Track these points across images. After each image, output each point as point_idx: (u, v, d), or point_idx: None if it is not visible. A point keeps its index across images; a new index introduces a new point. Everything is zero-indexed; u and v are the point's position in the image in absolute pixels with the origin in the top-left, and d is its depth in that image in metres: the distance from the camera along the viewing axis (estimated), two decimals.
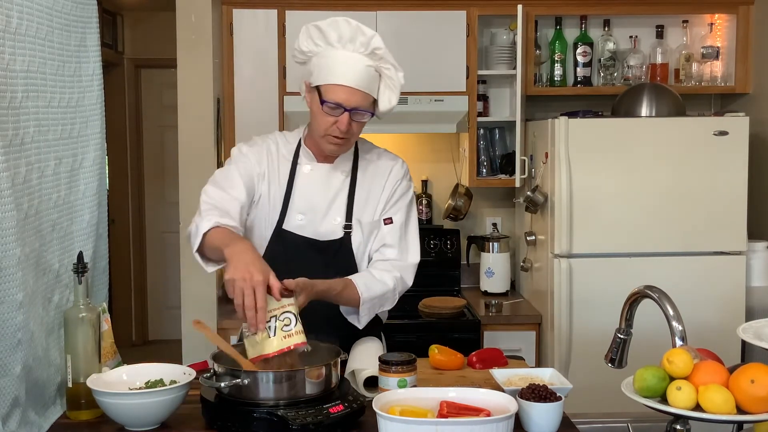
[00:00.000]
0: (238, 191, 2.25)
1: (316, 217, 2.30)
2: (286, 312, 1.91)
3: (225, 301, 3.82)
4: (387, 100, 2.23)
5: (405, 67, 3.74)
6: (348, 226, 2.31)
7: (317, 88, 2.20)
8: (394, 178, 2.39)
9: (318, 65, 2.22)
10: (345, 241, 2.31)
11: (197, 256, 2.17)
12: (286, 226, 2.29)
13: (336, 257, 2.29)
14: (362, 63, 2.18)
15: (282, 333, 1.89)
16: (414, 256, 2.43)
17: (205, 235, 2.09)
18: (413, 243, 2.44)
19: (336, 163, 2.34)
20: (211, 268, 2.18)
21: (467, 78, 3.83)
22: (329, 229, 2.31)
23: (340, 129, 2.18)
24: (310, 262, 2.27)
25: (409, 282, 2.40)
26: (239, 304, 1.87)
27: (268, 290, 1.88)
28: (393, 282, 2.32)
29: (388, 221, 2.38)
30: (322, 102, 2.17)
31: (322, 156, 2.32)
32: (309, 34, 2.26)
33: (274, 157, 2.34)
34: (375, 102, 2.23)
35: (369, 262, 2.36)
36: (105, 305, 2.17)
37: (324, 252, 2.28)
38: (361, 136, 2.34)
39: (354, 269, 2.32)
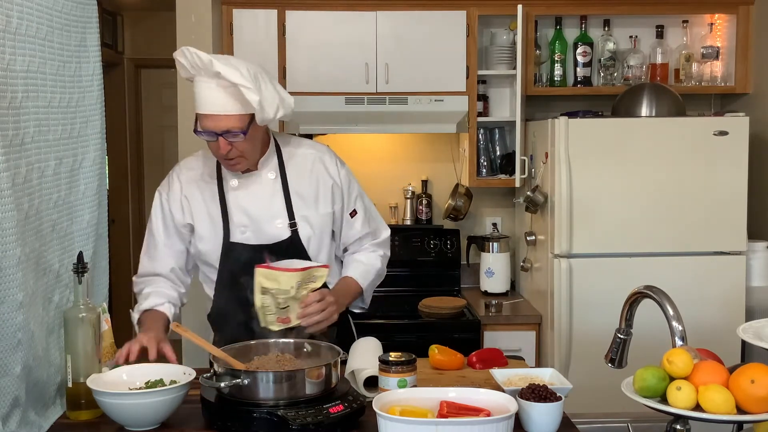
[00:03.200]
0: (164, 262, 2.41)
1: (260, 225, 2.34)
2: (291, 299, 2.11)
3: None
4: (259, 117, 2.19)
5: (405, 67, 3.79)
6: (293, 224, 2.34)
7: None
8: (333, 171, 2.45)
9: (194, 92, 2.24)
10: (294, 239, 2.35)
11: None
12: (233, 239, 2.33)
13: (289, 256, 2.29)
14: (215, 88, 2.16)
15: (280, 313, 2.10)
16: (385, 230, 2.57)
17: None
18: (379, 219, 2.58)
19: (260, 168, 2.36)
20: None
21: (467, 78, 3.83)
22: (275, 232, 2.34)
23: (221, 153, 2.22)
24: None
25: (389, 252, 2.59)
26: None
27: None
28: (381, 261, 2.52)
29: (353, 213, 2.47)
30: (196, 131, 2.22)
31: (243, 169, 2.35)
32: (180, 64, 2.25)
33: (193, 187, 2.37)
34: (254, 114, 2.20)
35: (345, 252, 2.50)
36: (105, 305, 2.18)
37: (276, 254, 2.28)
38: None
39: None
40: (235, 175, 2.35)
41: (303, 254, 2.34)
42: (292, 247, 2.33)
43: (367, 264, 2.47)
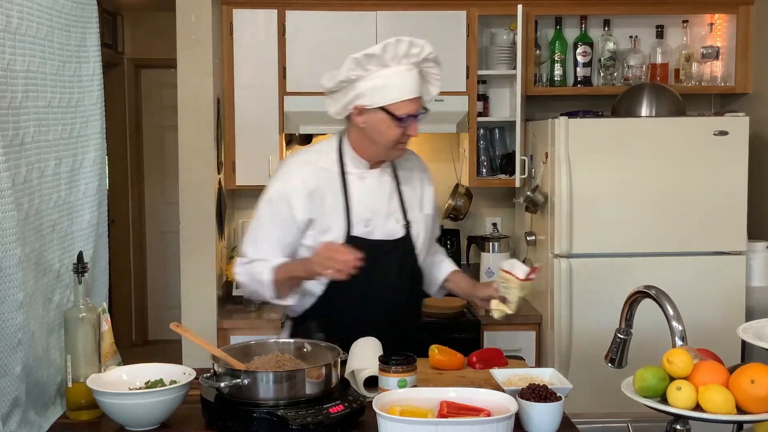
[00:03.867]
0: (268, 254, 2.36)
1: (380, 220, 2.40)
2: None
3: (225, 301, 3.83)
4: (433, 92, 2.41)
5: None
6: (407, 223, 2.44)
7: (383, 108, 2.28)
8: (429, 176, 2.58)
9: (373, 87, 2.29)
10: (407, 238, 2.43)
11: (276, 301, 2.39)
12: (354, 233, 2.36)
13: (404, 254, 2.42)
14: (414, 72, 2.31)
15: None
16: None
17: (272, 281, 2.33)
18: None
19: (382, 166, 2.43)
20: (290, 301, 2.39)
21: (467, 78, 3.83)
22: (393, 229, 2.42)
23: (411, 134, 2.33)
24: (384, 262, 2.38)
25: None
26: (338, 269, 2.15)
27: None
28: None
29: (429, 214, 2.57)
30: (398, 119, 2.28)
31: (372, 163, 2.41)
32: (357, 63, 2.31)
33: (316, 181, 2.36)
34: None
35: (426, 254, 2.55)
36: (105, 305, 2.17)
37: (394, 251, 2.40)
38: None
39: (416, 263, 2.47)
40: (361, 168, 2.40)
41: (412, 253, 2.44)
42: (405, 246, 2.42)
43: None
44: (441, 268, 2.61)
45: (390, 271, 2.36)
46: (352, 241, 2.33)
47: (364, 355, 2.17)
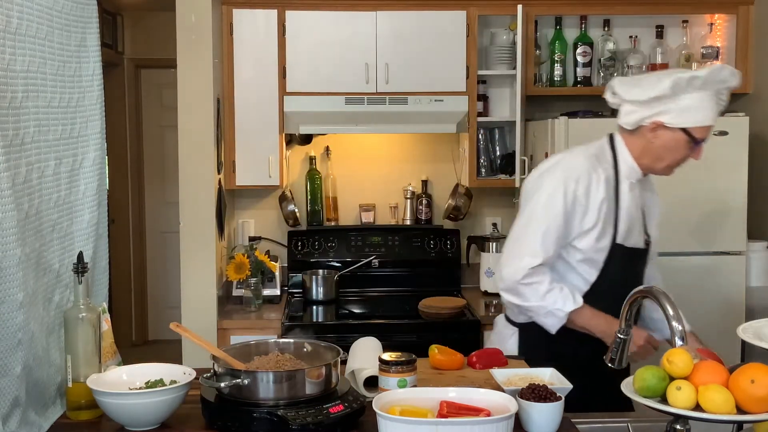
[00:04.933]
0: (552, 252, 2.40)
1: (635, 231, 2.47)
2: None
3: (225, 301, 3.83)
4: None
5: (405, 67, 3.79)
6: (648, 236, 2.53)
7: (684, 129, 2.34)
8: (657, 199, 2.63)
9: (681, 108, 2.33)
10: (647, 250, 2.53)
11: (546, 323, 2.43)
12: (618, 240, 2.43)
13: (644, 266, 2.53)
14: (716, 98, 2.36)
15: None
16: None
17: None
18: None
19: (642, 180, 2.50)
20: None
21: (467, 78, 3.83)
22: (637, 241, 2.49)
23: (695, 158, 2.40)
24: (633, 271, 2.48)
25: None
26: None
27: None
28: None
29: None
30: (696, 141, 2.35)
31: (644, 175, 2.49)
32: (678, 83, 2.31)
33: (605, 187, 2.41)
34: None
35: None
36: (105, 305, 2.18)
37: (640, 260, 2.51)
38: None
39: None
40: (631, 179, 2.46)
41: (645, 265, 2.53)
42: (645, 259, 2.53)
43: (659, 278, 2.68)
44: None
45: (633, 279, 2.39)
46: (617, 248, 2.42)
47: (364, 355, 2.17)
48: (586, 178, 2.39)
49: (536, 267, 2.36)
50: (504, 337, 2.60)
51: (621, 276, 2.41)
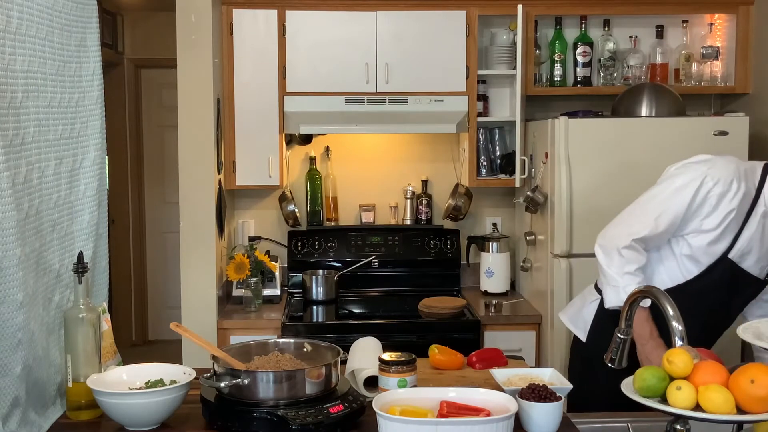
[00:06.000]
0: (660, 241, 2.41)
1: (754, 257, 2.40)
2: None
3: (225, 301, 3.83)
4: None
5: (405, 67, 3.79)
6: None
7: None
8: None
9: None
10: (758, 282, 2.45)
11: (609, 291, 2.43)
12: (731, 255, 2.39)
13: (749, 296, 2.47)
14: None
15: None
16: None
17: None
18: None
19: None
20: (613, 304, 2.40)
21: (467, 78, 3.83)
22: (756, 269, 2.42)
23: None
24: (733, 291, 2.42)
25: None
26: None
27: None
28: None
29: None
30: None
31: None
32: None
33: (741, 205, 2.37)
34: None
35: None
36: (105, 305, 2.18)
37: (748, 287, 2.44)
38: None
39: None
40: (765, 210, 2.39)
41: (751, 296, 2.48)
42: (755, 288, 2.47)
43: None
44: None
45: (729, 303, 2.41)
46: (724, 261, 2.38)
47: (364, 355, 2.17)
48: (726, 184, 2.36)
49: (639, 240, 2.38)
50: (585, 301, 2.63)
51: (717, 288, 2.40)
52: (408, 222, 4.19)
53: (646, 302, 2.31)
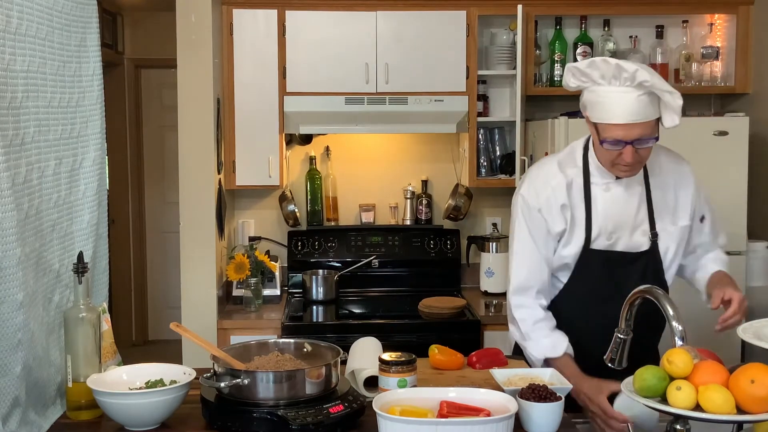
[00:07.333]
0: (542, 274, 2.34)
1: (624, 233, 2.32)
2: None
3: (225, 301, 3.83)
4: (670, 120, 2.19)
5: (405, 67, 3.79)
6: (654, 235, 2.33)
7: (594, 125, 2.22)
8: (695, 184, 2.42)
9: (590, 101, 2.23)
10: (653, 250, 2.34)
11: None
12: (594, 246, 2.31)
13: (647, 267, 2.33)
14: (632, 96, 2.14)
15: None
16: (723, 236, 2.54)
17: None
18: (720, 223, 2.52)
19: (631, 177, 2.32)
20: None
21: (467, 78, 3.83)
22: (639, 241, 2.33)
23: (625, 161, 2.19)
24: (621, 275, 2.31)
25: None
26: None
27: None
28: (727, 263, 2.48)
29: (702, 219, 2.45)
30: (601, 141, 2.19)
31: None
32: (572, 73, 2.26)
33: (565, 193, 2.31)
34: (659, 119, 2.20)
35: (692, 258, 2.46)
36: (105, 305, 2.18)
37: (634, 263, 2.32)
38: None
39: (662, 276, 2.36)
40: (606, 178, 2.31)
41: (659, 266, 2.35)
42: (650, 258, 2.34)
43: (724, 261, 2.47)
44: (709, 266, 2.45)
45: (627, 283, 2.16)
46: (589, 254, 2.31)
47: (364, 355, 2.17)
48: (545, 189, 2.32)
49: (521, 290, 2.34)
50: None
51: (600, 281, 2.31)
52: (408, 222, 4.19)
53: (557, 350, 2.28)
